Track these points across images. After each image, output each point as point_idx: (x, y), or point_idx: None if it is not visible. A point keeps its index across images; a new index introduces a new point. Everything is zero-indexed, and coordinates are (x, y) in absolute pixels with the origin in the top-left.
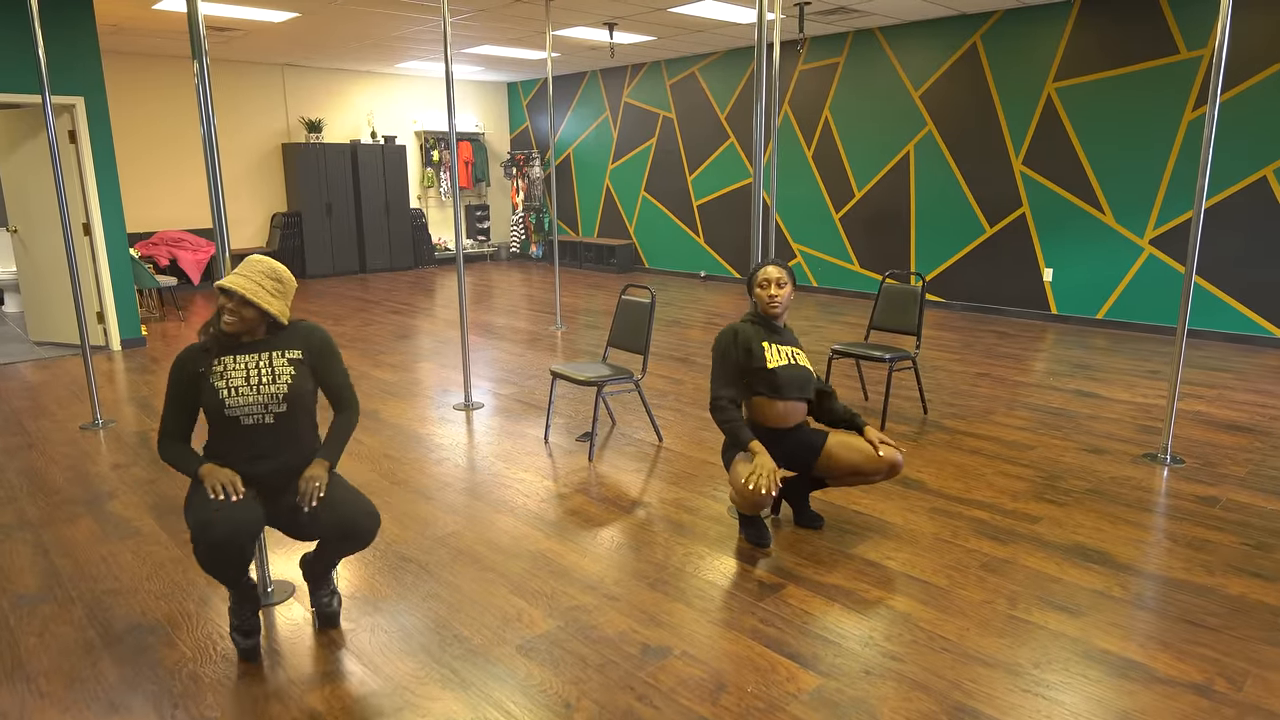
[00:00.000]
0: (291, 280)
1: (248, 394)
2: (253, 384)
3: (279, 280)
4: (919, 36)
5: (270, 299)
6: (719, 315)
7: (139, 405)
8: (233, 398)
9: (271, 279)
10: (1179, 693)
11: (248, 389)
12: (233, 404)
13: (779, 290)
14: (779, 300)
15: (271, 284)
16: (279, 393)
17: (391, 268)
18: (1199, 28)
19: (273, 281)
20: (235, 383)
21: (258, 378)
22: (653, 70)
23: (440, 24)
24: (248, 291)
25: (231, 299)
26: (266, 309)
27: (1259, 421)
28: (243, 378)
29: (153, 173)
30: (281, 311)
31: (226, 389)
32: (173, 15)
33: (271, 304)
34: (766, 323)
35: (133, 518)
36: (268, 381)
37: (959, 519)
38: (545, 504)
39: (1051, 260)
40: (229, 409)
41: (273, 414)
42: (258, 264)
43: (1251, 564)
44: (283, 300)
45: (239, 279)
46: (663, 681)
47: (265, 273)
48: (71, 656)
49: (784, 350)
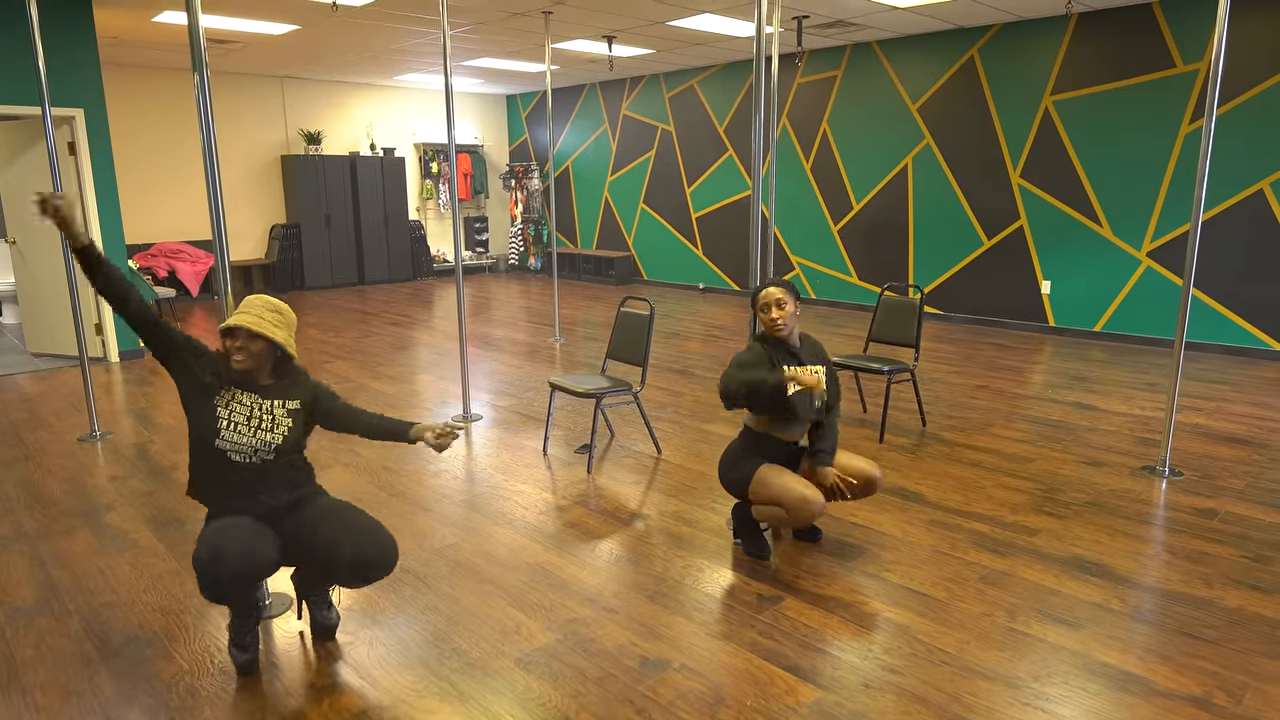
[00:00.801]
0: (291, 313)
1: (245, 433)
2: (251, 426)
3: (279, 312)
4: (917, 50)
5: (274, 329)
6: (718, 327)
7: (137, 417)
8: (229, 431)
9: (272, 311)
10: (1178, 706)
11: (245, 428)
12: (226, 437)
13: (780, 311)
14: (781, 321)
15: (273, 315)
16: (272, 442)
17: (390, 279)
18: (1195, 41)
19: (274, 314)
20: (236, 418)
21: (258, 421)
22: (651, 83)
23: (440, 37)
24: (253, 325)
25: (237, 337)
26: (273, 338)
27: (1257, 434)
28: (244, 416)
29: (151, 184)
30: (288, 341)
31: (227, 422)
32: (172, 28)
33: (277, 333)
34: (778, 344)
35: (130, 530)
36: (266, 428)
37: (958, 531)
38: (544, 516)
39: (1049, 273)
40: (220, 440)
41: (260, 458)
42: (255, 300)
43: (1250, 576)
44: (286, 331)
45: (241, 316)
46: (662, 695)
47: (264, 306)
48: (68, 669)
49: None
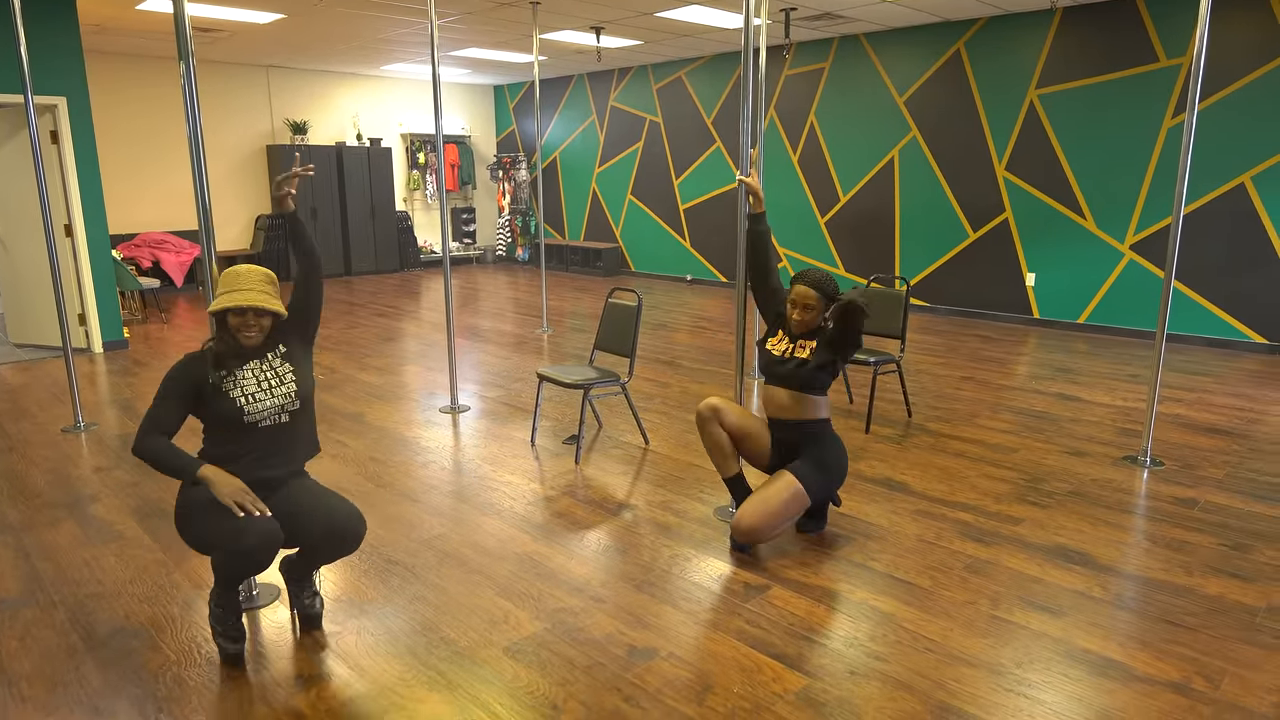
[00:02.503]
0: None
1: (264, 399)
2: (264, 389)
3: (271, 281)
4: (904, 43)
5: (275, 301)
6: (705, 319)
7: (121, 408)
8: (251, 404)
9: (268, 283)
10: (1158, 691)
11: (263, 394)
12: (252, 410)
13: (803, 315)
14: (799, 324)
15: (271, 287)
16: (290, 391)
17: (377, 270)
18: (1178, 36)
19: (270, 285)
20: (249, 390)
21: (268, 383)
22: (639, 74)
23: (427, 26)
24: (263, 302)
25: (245, 315)
26: (278, 310)
27: (1237, 425)
28: (255, 384)
29: (135, 174)
30: (278, 308)
31: (243, 397)
32: (156, 15)
33: (279, 305)
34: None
35: (115, 521)
36: (276, 384)
37: (942, 521)
38: (532, 506)
39: (1034, 265)
40: (249, 415)
41: (289, 412)
42: (249, 274)
43: (1229, 564)
44: (279, 299)
45: (248, 295)
46: (649, 682)
47: (261, 279)
48: (54, 661)
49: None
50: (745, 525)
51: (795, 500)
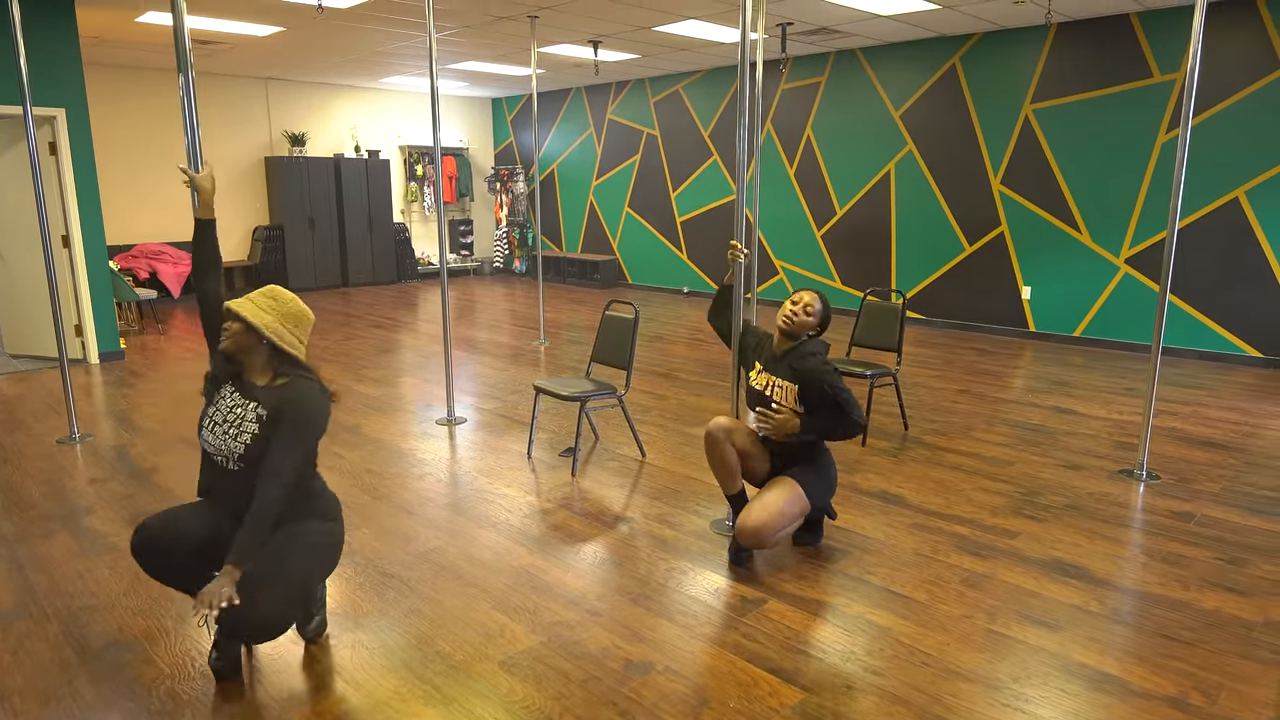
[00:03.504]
0: (294, 305)
1: (218, 434)
2: (223, 427)
3: (274, 298)
4: (899, 58)
5: (259, 313)
6: (702, 331)
7: (117, 419)
8: (207, 430)
9: (265, 296)
10: (1155, 706)
11: (219, 429)
12: (205, 436)
13: (793, 309)
14: (791, 317)
15: (265, 300)
16: (236, 450)
17: (374, 282)
18: (1172, 52)
19: (267, 299)
20: (215, 417)
21: (228, 424)
22: (637, 87)
23: (425, 40)
24: (235, 304)
25: (227, 317)
26: (252, 321)
27: (1232, 438)
28: (222, 416)
29: (133, 185)
30: (269, 326)
31: (209, 419)
32: (155, 28)
33: (259, 317)
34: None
35: (110, 533)
36: (234, 434)
37: (939, 534)
38: (528, 519)
39: (1030, 279)
40: (201, 437)
41: (234, 464)
42: (262, 290)
43: (1225, 579)
44: (278, 319)
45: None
46: (645, 697)
47: (262, 293)
48: (47, 674)
49: (767, 378)
50: (750, 526)
51: (796, 501)
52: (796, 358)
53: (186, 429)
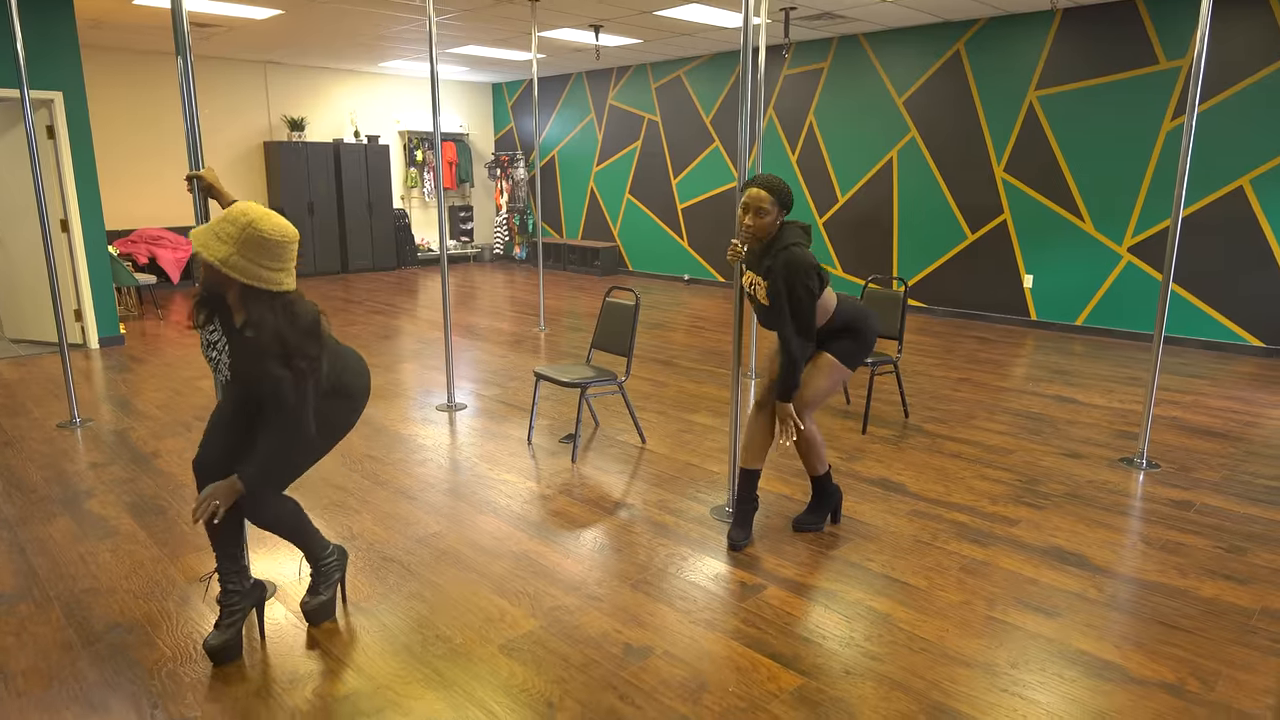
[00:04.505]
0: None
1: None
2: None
3: (230, 221)
4: (903, 43)
5: (218, 244)
6: (702, 318)
7: (117, 404)
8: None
9: (225, 222)
10: (1152, 692)
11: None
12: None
13: (754, 220)
14: (747, 229)
15: (224, 226)
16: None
17: (374, 268)
18: (1178, 39)
19: (226, 224)
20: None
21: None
22: (638, 73)
23: (425, 24)
24: (195, 241)
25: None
26: (208, 258)
27: (1233, 428)
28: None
29: (132, 169)
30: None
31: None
32: (153, 10)
33: (212, 248)
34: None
35: (111, 517)
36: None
37: (939, 522)
38: (528, 505)
39: (1032, 267)
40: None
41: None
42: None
43: (1224, 567)
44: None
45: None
46: (645, 681)
47: (224, 216)
48: (50, 656)
49: (750, 277)
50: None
51: (834, 370)
52: (772, 254)
53: (186, 414)
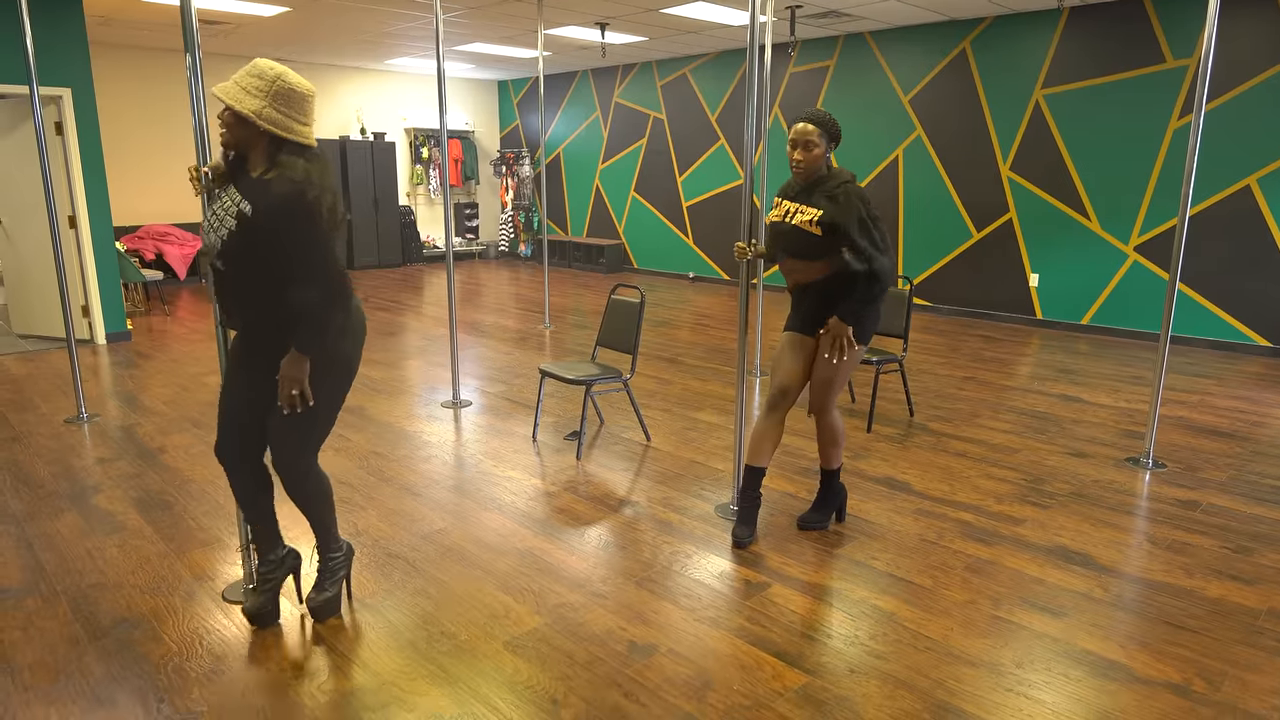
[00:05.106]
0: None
1: (209, 233)
2: (211, 221)
3: (258, 75)
4: (909, 41)
5: (246, 96)
6: (707, 316)
7: (124, 399)
8: (204, 231)
9: (251, 75)
10: (1158, 692)
11: (209, 226)
12: (203, 238)
13: (803, 154)
14: (798, 165)
15: (250, 80)
16: (216, 246)
17: (380, 264)
18: (1186, 37)
19: (251, 78)
20: (210, 217)
21: (215, 218)
22: (644, 71)
23: (432, 21)
24: (225, 95)
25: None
26: (240, 110)
27: (1240, 427)
28: (214, 212)
29: (139, 166)
30: (262, 113)
31: (206, 221)
32: (162, 8)
33: (244, 102)
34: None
35: (118, 512)
36: (216, 226)
37: (944, 520)
38: (533, 502)
39: (1037, 266)
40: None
41: (220, 262)
42: (246, 68)
43: (1230, 567)
44: (263, 99)
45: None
46: (649, 678)
47: (248, 71)
48: (56, 651)
49: (786, 206)
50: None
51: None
52: (830, 188)
53: (193, 409)
